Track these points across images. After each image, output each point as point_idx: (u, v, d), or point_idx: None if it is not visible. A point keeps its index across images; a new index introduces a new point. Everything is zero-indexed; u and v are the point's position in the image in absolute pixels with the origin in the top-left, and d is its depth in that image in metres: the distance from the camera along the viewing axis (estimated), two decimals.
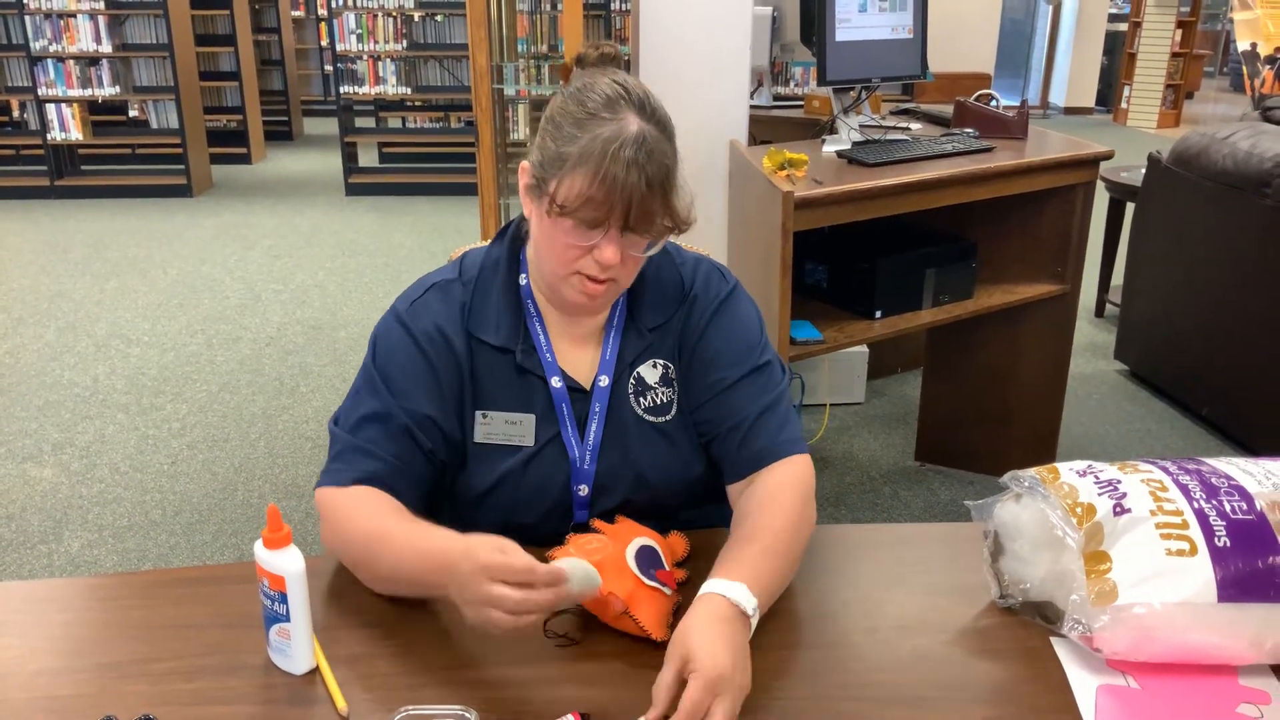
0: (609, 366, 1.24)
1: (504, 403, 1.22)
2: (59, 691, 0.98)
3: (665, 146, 1.11)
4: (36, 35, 6.87)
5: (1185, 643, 0.98)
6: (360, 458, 1.18)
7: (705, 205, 3.11)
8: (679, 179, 1.13)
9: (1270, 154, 3.12)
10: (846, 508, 2.97)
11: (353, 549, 1.14)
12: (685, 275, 1.28)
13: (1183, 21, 9.96)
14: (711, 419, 1.24)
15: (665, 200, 1.11)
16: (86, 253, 5.74)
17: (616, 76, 1.14)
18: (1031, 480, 1.09)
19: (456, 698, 0.96)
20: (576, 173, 1.08)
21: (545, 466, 1.22)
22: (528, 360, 1.22)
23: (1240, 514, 0.99)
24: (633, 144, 1.07)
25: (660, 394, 1.25)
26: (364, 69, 7.29)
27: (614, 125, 1.09)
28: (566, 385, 1.23)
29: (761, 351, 1.27)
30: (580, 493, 1.23)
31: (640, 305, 1.26)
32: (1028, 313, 2.86)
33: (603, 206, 1.09)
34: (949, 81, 6.70)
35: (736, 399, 1.23)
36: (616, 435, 1.23)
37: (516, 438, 1.22)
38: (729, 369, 1.24)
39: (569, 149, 1.09)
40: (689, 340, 1.26)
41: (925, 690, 0.99)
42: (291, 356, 4.17)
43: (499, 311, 1.23)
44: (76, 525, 2.89)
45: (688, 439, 1.26)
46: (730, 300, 1.28)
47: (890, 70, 2.78)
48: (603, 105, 1.10)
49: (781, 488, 1.18)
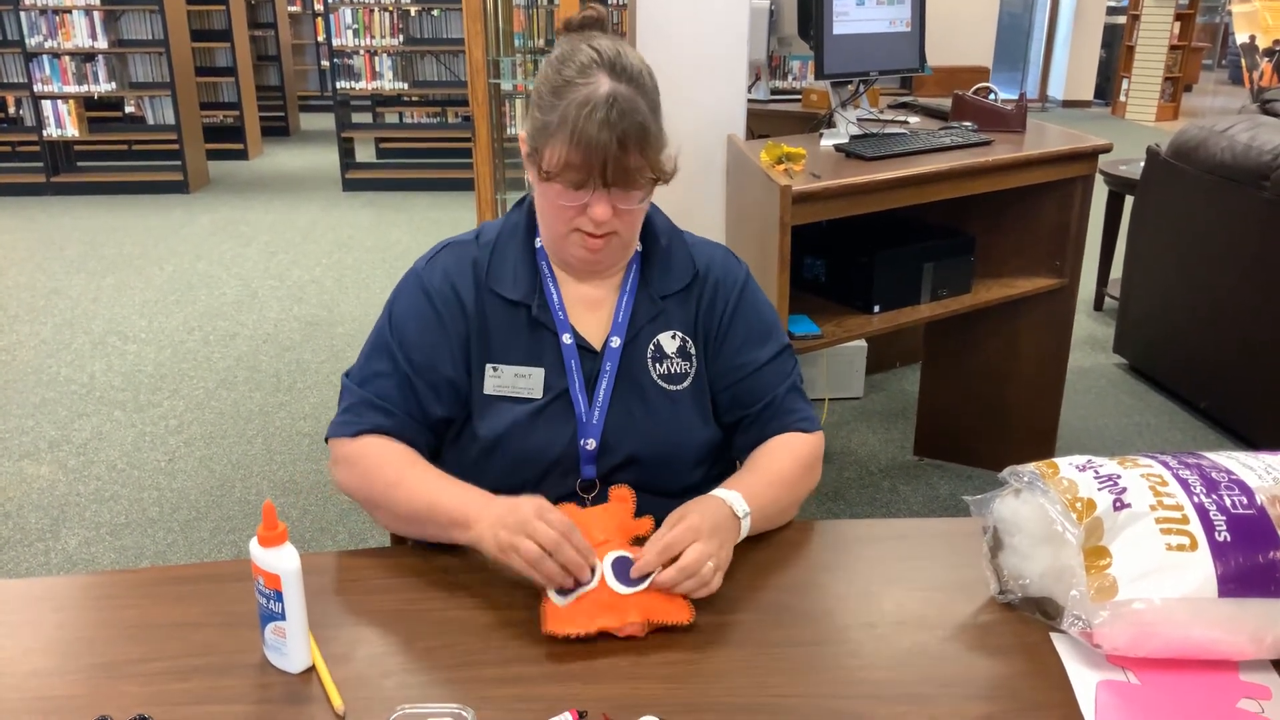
0: (621, 329, 1.29)
1: (515, 357, 1.27)
2: (53, 692, 0.98)
3: (638, 103, 1.16)
4: (32, 31, 6.85)
5: (1186, 638, 0.97)
6: (369, 411, 1.26)
7: (704, 199, 3.11)
8: (657, 131, 1.19)
9: (1269, 146, 3.11)
10: (845, 502, 2.97)
11: (373, 491, 1.23)
12: (696, 257, 1.34)
13: (1181, 14, 9.94)
14: (742, 399, 1.32)
15: (642, 154, 1.16)
16: (83, 249, 5.73)
17: (593, 41, 1.20)
18: (1031, 475, 1.08)
19: (453, 696, 0.96)
20: (556, 138, 1.15)
21: (552, 420, 1.26)
22: (542, 314, 1.27)
23: (1240, 508, 0.99)
24: (604, 105, 1.13)
25: (676, 364, 1.30)
26: (360, 64, 7.27)
27: (586, 89, 1.15)
28: (577, 344, 1.28)
29: (780, 334, 1.36)
30: (587, 447, 1.26)
31: (651, 272, 1.31)
32: (1026, 307, 2.85)
33: (582, 168, 1.15)
34: (947, 75, 6.69)
35: (767, 379, 1.32)
36: (627, 395, 1.28)
37: (525, 390, 1.26)
38: (758, 350, 1.32)
39: (550, 117, 1.16)
40: (715, 321, 1.32)
41: (924, 686, 0.98)
42: (289, 353, 4.16)
43: (516, 268, 1.29)
44: (74, 522, 2.88)
45: (696, 408, 1.31)
46: (749, 284, 1.36)
47: (888, 64, 2.77)
48: (576, 72, 1.17)
49: (789, 445, 1.30)
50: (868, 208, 2.38)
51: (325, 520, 2.89)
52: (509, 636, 1.05)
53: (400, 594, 1.13)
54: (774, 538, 1.25)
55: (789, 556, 1.21)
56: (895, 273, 2.58)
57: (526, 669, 1.00)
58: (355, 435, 1.25)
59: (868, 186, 2.34)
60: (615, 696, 0.96)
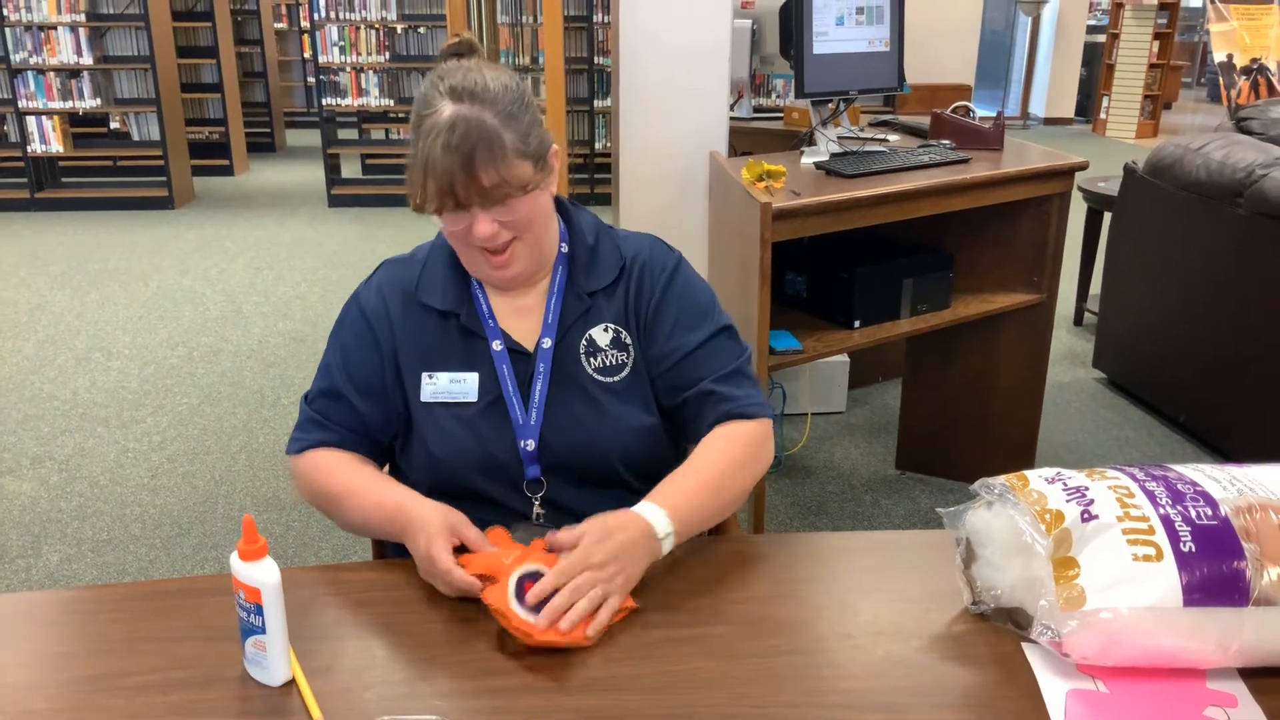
0: (551, 330, 1.32)
1: (450, 365, 1.32)
2: (33, 706, 0.98)
3: (482, 119, 1.17)
4: (17, 47, 6.84)
5: (1153, 647, 0.99)
6: (314, 428, 1.33)
7: (685, 216, 3.14)
8: (516, 139, 1.19)
9: (1243, 164, 3.16)
10: (828, 516, 2.99)
11: (324, 503, 1.31)
12: (624, 249, 1.37)
13: (1160, 33, 10.06)
14: (676, 384, 1.33)
15: (494, 168, 1.18)
16: (67, 265, 5.71)
17: (441, 71, 1.23)
18: (1001, 488, 1.10)
19: (433, 708, 0.97)
20: (414, 175, 1.20)
21: (491, 422, 1.29)
22: (471, 322, 1.32)
23: (1205, 519, 1.01)
24: (445, 130, 1.17)
25: (611, 355, 1.33)
26: (346, 81, 7.29)
27: (430, 119, 1.18)
28: (508, 348, 1.31)
29: (718, 317, 1.36)
30: (527, 448, 1.29)
31: (577, 271, 1.35)
32: (1005, 322, 2.88)
33: (439, 195, 1.19)
34: (929, 93, 6.76)
35: (701, 363, 1.32)
36: (564, 393, 1.31)
37: (461, 395, 1.30)
38: (689, 334, 1.33)
39: (412, 154, 1.21)
40: (645, 306, 1.34)
41: (898, 696, 1.00)
42: (273, 369, 4.16)
43: (445, 281, 1.34)
44: (55, 539, 2.87)
45: (639, 397, 1.33)
46: (681, 268, 1.37)
47: (867, 82, 2.80)
48: (424, 105, 1.20)
49: (732, 435, 1.28)
50: (847, 224, 2.41)
51: (308, 536, 2.89)
52: (489, 649, 1.06)
53: (380, 607, 1.13)
54: (751, 550, 1.27)
55: (767, 568, 1.22)
56: (875, 289, 2.61)
57: (506, 680, 1.01)
58: (300, 452, 1.33)
59: (847, 204, 2.36)
60: (594, 707, 0.97)
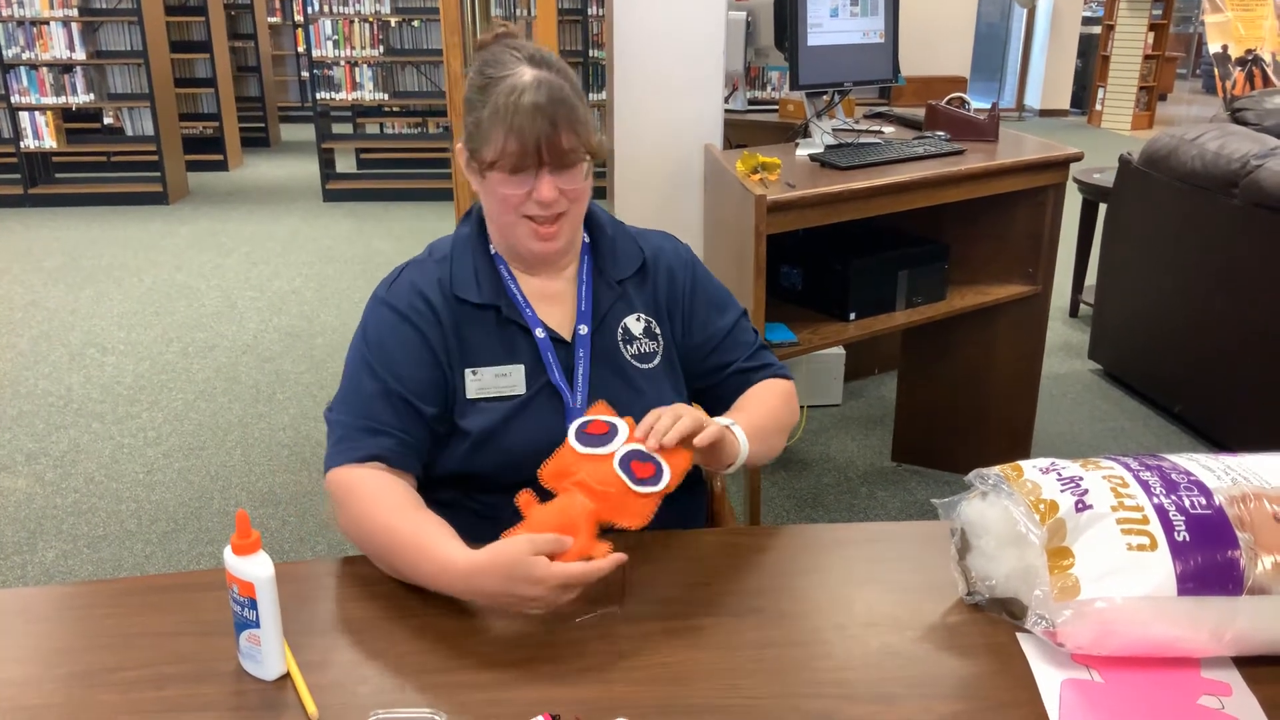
0: (586, 316, 1.33)
1: (492, 358, 1.29)
2: (27, 701, 0.98)
3: (564, 85, 1.21)
4: (9, 42, 6.81)
5: (1147, 636, 0.99)
6: (366, 436, 1.23)
7: (681, 209, 3.13)
8: (585, 112, 1.23)
9: (1238, 154, 3.16)
10: (824, 508, 2.99)
11: (371, 543, 1.18)
12: (641, 244, 1.40)
13: (1155, 24, 10.06)
14: (717, 365, 1.41)
15: (574, 132, 1.21)
16: (61, 261, 5.70)
17: (508, 42, 1.25)
18: (996, 478, 1.10)
19: (427, 701, 0.97)
20: (492, 131, 1.20)
21: (540, 411, 1.29)
22: (511, 313, 1.30)
23: (1199, 509, 1.01)
24: (531, 89, 1.18)
25: (644, 344, 1.36)
26: (341, 75, 7.27)
27: (510, 80, 1.20)
28: (549, 336, 1.31)
29: (735, 299, 1.46)
30: None
31: (602, 259, 1.36)
32: (1000, 314, 2.88)
33: (520, 153, 1.19)
34: (924, 85, 6.74)
35: (738, 339, 1.42)
36: (606, 378, 1.32)
37: (507, 389, 1.29)
38: (723, 317, 1.42)
39: (482, 113, 1.21)
40: (680, 300, 1.39)
41: (893, 686, 1.00)
42: (268, 364, 4.15)
43: (478, 274, 1.31)
44: (51, 535, 2.86)
45: (670, 383, 1.37)
46: (698, 261, 1.45)
47: (861, 74, 2.80)
48: (499, 68, 1.22)
49: (771, 387, 1.41)
50: (842, 216, 2.41)
51: (304, 531, 2.89)
52: (482, 642, 1.06)
53: (375, 601, 1.13)
54: (747, 542, 1.27)
55: (763, 560, 1.22)
56: (870, 281, 2.61)
57: (500, 673, 1.01)
58: (355, 462, 1.21)
59: (842, 196, 2.36)
60: (588, 699, 0.97)
